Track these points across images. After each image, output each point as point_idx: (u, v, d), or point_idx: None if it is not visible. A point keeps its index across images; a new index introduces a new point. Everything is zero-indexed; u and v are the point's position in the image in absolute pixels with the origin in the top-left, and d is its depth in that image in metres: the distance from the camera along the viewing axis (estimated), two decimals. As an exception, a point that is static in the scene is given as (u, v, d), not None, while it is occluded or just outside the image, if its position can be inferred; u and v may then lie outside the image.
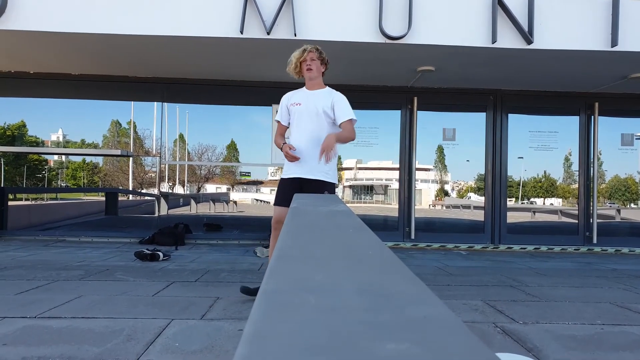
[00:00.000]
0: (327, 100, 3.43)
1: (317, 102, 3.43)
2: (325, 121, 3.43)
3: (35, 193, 9.39)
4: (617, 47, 5.18)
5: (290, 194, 3.46)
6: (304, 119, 3.46)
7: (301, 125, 3.47)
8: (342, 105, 3.42)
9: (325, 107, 3.41)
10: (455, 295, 3.84)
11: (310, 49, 3.44)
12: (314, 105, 3.43)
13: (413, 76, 6.61)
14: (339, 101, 3.43)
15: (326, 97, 3.45)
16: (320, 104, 3.42)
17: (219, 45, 5.50)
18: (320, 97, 3.46)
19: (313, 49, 3.45)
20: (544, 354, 2.48)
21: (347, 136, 3.39)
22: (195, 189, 8.51)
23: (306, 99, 3.48)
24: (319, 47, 3.50)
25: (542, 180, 8.27)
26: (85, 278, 4.19)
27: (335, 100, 3.43)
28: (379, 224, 7.78)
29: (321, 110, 3.41)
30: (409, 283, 0.68)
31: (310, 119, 3.44)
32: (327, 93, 3.49)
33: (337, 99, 3.44)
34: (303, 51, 3.44)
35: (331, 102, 3.42)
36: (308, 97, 3.49)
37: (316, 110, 3.42)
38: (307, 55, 3.41)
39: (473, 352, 0.44)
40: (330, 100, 3.42)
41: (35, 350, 2.32)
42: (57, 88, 7.25)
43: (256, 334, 0.46)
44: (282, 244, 1.02)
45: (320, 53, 3.47)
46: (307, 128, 3.44)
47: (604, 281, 4.71)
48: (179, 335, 2.64)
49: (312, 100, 3.46)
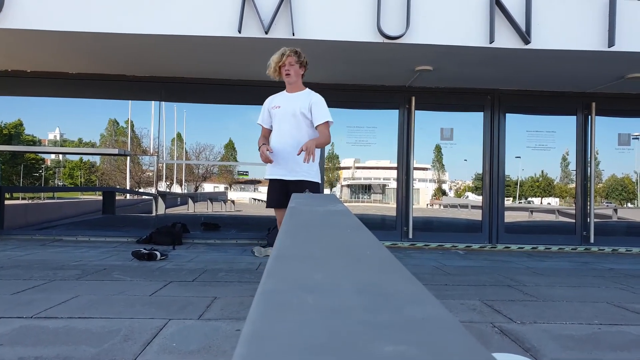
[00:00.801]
0: (305, 102, 3.50)
1: (295, 104, 3.50)
2: (303, 122, 3.50)
3: (32, 192, 9.37)
4: (615, 47, 5.19)
5: (280, 195, 3.52)
6: (283, 122, 3.54)
7: (281, 128, 3.56)
8: (319, 107, 3.48)
9: (303, 109, 3.48)
10: (452, 295, 3.85)
11: (289, 54, 3.45)
12: (292, 108, 3.50)
13: (411, 76, 6.62)
14: (316, 103, 3.49)
15: (304, 99, 3.52)
16: (298, 106, 3.49)
17: (217, 45, 5.49)
18: (298, 99, 3.53)
19: (291, 53, 3.47)
20: (542, 353, 2.48)
21: (323, 141, 3.47)
22: (192, 188, 8.49)
23: (285, 102, 3.56)
24: (297, 50, 3.51)
25: (539, 179, 8.28)
26: (82, 278, 4.18)
27: (312, 102, 3.49)
28: (376, 224, 7.78)
29: (299, 112, 3.48)
30: (407, 283, 0.68)
31: (289, 122, 3.52)
32: (305, 95, 3.55)
33: (315, 100, 3.50)
34: (281, 55, 3.46)
35: (309, 104, 3.48)
36: (287, 100, 3.57)
37: (294, 112, 3.49)
38: (285, 60, 3.45)
39: (470, 353, 0.44)
40: (308, 102, 3.49)
41: (31, 351, 2.31)
42: (54, 87, 7.23)
43: (255, 334, 0.46)
44: (280, 243, 1.01)
45: (298, 56, 3.50)
46: (286, 130, 3.52)
47: (601, 281, 4.72)
48: (176, 335, 2.63)
49: (290, 103, 3.53)
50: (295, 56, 3.48)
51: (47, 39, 5.42)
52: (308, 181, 3.50)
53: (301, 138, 3.46)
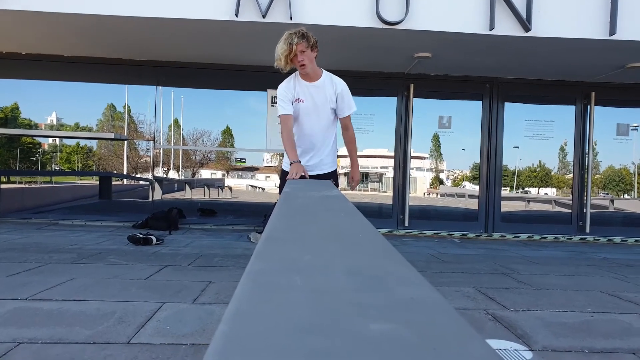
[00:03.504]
0: (331, 94, 3.28)
1: (323, 97, 3.27)
2: (331, 114, 3.33)
3: (29, 176, 9.34)
4: (616, 35, 5.15)
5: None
6: (309, 116, 3.30)
7: (308, 124, 3.32)
8: (346, 98, 3.31)
9: (331, 103, 3.29)
10: (447, 283, 3.86)
11: (297, 41, 3.06)
12: (320, 101, 3.27)
13: (410, 62, 6.57)
14: (343, 92, 3.30)
15: (329, 89, 3.28)
16: (327, 100, 3.28)
17: (214, 28, 5.42)
18: (323, 90, 3.27)
19: (299, 39, 3.07)
20: (534, 340, 2.50)
21: (355, 143, 3.53)
22: (189, 174, 8.47)
23: (309, 95, 3.27)
24: (304, 32, 3.12)
25: (537, 169, 8.29)
26: (77, 261, 4.18)
27: (339, 92, 3.29)
28: (373, 212, 7.78)
29: (328, 106, 3.29)
30: (398, 265, 0.67)
31: (317, 116, 3.30)
32: (329, 84, 3.29)
33: (341, 90, 3.29)
34: (290, 45, 3.06)
35: (335, 94, 3.29)
36: (311, 92, 3.27)
37: (322, 106, 3.28)
38: (296, 50, 3.07)
39: (459, 332, 0.43)
40: (333, 92, 3.28)
41: (26, 332, 2.32)
42: (50, 70, 7.15)
43: (238, 312, 0.45)
44: (271, 226, 1.00)
45: (307, 40, 3.12)
46: (315, 126, 3.32)
47: (595, 270, 4.74)
48: (170, 318, 2.63)
49: (316, 96, 3.27)
50: (305, 41, 3.10)
51: (43, 20, 5.34)
52: (331, 172, 3.43)
53: (327, 131, 3.33)
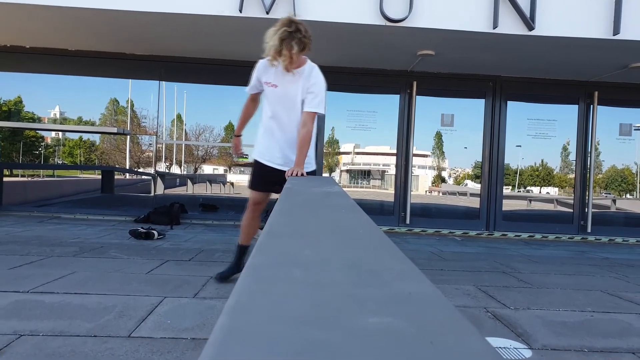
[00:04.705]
0: (304, 86, 3.06)
1: (296, 88, 3.08)
2: (301, 108, 3.13)
3: (32, 169, 9.37)
4: (619, 35, 5.13)
5: (268, 181, 3.27)
6: (281, 106, 3.15)
7: (280, 112, 3.17)
8: (315, 94, 3.05)
9: (304, 96, 3.08)
10: (448, 280, 3.86)
11: (296, 51, 2.82)
12: (293, 92, 3.08)
13: (413, 60, 6.56)
14: (313, 86, 3.04)
15: (304, 81, 3.06)
16: (299, 92, 3.08)
17: (217, 24, 5.42)
18: (299, 81, 3.06)
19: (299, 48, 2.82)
20: (534, 339, 2.50)
21: (308, 141, 3.06)
22: (192, 169, 8.49)
23: (284, 82, 3.08)
24: (305, 42, 2.86)
25: (539, 169, 8.28)
26: (79, 255, 4.19)
27: (310, 85, 3.04)
28: (375, 209, 7.79)
29: (299, 98, 3.09)
30: (397, 260, 0.68)
31: (288, 107, 3.13)
32: (306, 76, 3.06)
33: (313, 83, 3.05)
34: (280, 41, 2.79)
35: (306, 88, 3.05)
36: (286, 80, 3.06)
37: (294, 98, 3.09)
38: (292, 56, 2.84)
39: (456, 327, 0.43)
40: (306, 86, 3.05)
41: (27, 324, 2.33)
42: (54, 64, 7.16)
43: (238, 305, 0.46)
44: (273, 220, 1.01)
45: (306, 47, 2.88)
46: (285, 116, 3.16)
47: (596, 269, 4.74)
48: (171, 312, 2.65)
49: (290, 85, 3.08)
50: (297, 43, 2.81)
51: (47, 14, 5.35)
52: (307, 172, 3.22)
53: (298, 123, 3.13)
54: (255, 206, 3.43)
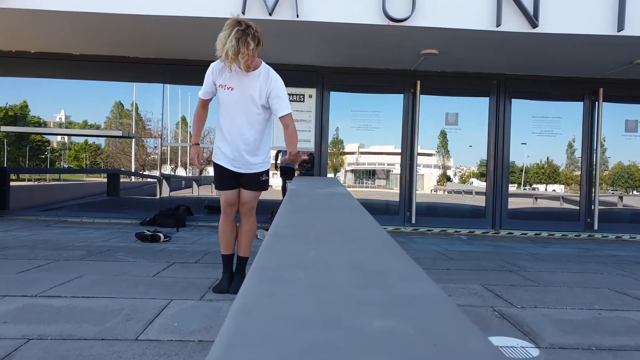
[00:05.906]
0: (263, 89, 3.09)
1: (253, 90, 3.09)
2: (262, 111, 3.16)
3: (38, 174, 9.42)
4: (624, 31, 5.10)
5: (231, 180, 3.29)
6: (238, 110, 3.14)
7: (236, 117, 3.15)
8: (281, 98, 3.11)
9: (262, 100, 3.11)
10: (454, 280, 3.85)
11: (253, 48, 2.91)
12: (249, 95, 3.10)
13: (416, 59, 6.55)
14: (278, 91, 3.10)
15: (263, 84, 3.08)
16: (256, 94, 3.09)
17: (220, 26, 5.42)
18: (256, 83, 3.08)
19: (255, 45, 2.92)
20: (541, 337, 2.49)
21: (296, 138, 3.15)
22: (197, 171, 8.51)
23: (240, 85, 3.09)
24: (258, 37, 2.97)
25: (544, 166, 8.24)
26: (86, 258, 4.21)
27: (272, 89, 3.08)
28: (380, 209, 7.78)
29: (257, 101, 3.10)
30: (401, 262, 0.68)
31: (245, 111, 3.13)
32: (263, 78, 3.09)
33: (275, 87, 3.08)
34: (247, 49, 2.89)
35: (267, 92, 3.08)
36: (242, 82, 3.09)
37: (252, 100, 3.10)
38: (251, 54, 2.92)
39: (461, 329, 0.44)
40: (266, 90, 3.08)
41: (35, 328, 2.34)
42: (59, 68, 7.20)
43: (243, 308, 0.46)
44: (277, 222, 1.02)
45: (260, 43, 2.97)
46: (243, 121, 3.14)
47: (603, 267, 4.71)
48: (177, 315, 2.66)
49: (247, 87, 3.09)
50: (254, 42, 2.92)
51: (51, 19, 5.38)
52: (260, 172, 3.30)
53: (257, 131, 3.17)
54: (229, 208, 3.35)
